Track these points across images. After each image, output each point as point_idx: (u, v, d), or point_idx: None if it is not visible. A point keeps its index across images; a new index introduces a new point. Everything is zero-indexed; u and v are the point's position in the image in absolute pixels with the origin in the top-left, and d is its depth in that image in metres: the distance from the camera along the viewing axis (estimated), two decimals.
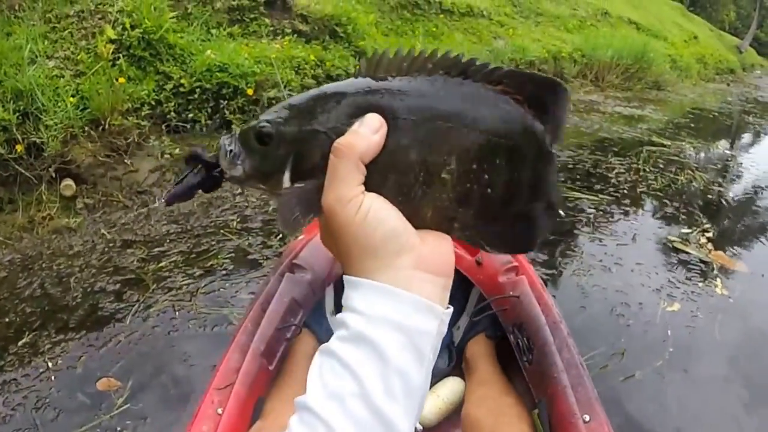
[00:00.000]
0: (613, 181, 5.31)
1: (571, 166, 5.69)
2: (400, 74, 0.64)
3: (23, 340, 2.97)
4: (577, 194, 4.86)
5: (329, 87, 0.65)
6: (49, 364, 2.80)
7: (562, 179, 5.22)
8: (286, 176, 0.63)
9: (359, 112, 0.61)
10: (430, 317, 0.60)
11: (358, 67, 0.66)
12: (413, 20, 8.50)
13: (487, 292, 1.93)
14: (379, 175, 0.61)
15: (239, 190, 4.35)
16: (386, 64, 0.64)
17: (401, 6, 8.49)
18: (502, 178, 0.63)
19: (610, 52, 10.01)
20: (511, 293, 1.84)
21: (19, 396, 2.64)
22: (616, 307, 3.24)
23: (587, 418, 1.43)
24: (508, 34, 9.39)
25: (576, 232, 4.18)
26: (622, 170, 5.63)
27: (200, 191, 0.71)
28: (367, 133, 0.60)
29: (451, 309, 0.63)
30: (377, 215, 0.60)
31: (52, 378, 2.73)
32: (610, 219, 4.45)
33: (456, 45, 8.02)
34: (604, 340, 2.91)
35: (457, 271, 2.00)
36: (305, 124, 0.62)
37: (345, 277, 0.63)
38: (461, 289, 2.13)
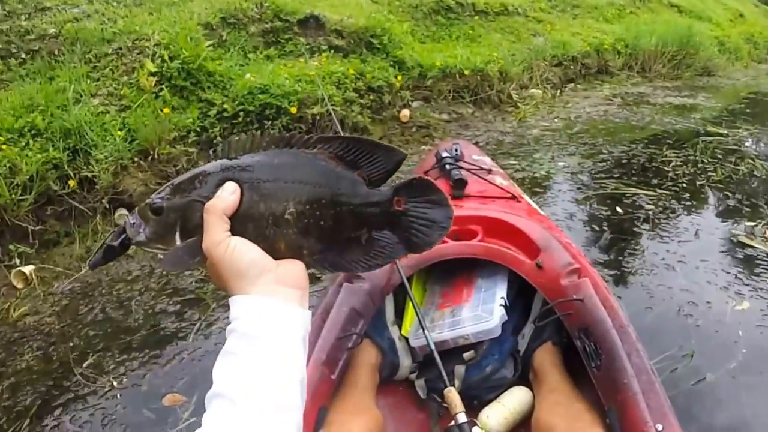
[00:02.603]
0: (670, 174, 5.22)
1: (625, 161, 5.61)
2: (246, 152, 0.87)
3: (88, 362, 3.10)
4: (634, 190, 4.79)
5: (199, 169, 0.88)
6: (115, 383, 2.93)
7: (617, 175, 5.16)
8: (177, 236, 0.86)
9: (221, 183, 0.84)
10: (290, 312, 0.82)
11: (216, 152, 0.89)
12: (448, 25, 8.50)
13: (549, 297, 1.92)
14: (240, 224, 0.84)
15: None
16: (236, 146, 0.87)
17: (434, 12, 8.50)
18: (329, 212, 0.86)
19: (654, 39, 9.79)
20: (574, 296, 1.83)
21: (86, 414, 2.77)
22: (683, 307, 3.18)
23: (660, 427, 1.43)
24: (546, 30, 9.29)
25: (635, 229, 4.12)
26: (679, 163, 5.53)
27: (110, 257, 0.91)
28: (226, 195, 0.83)
29: (309, 312, 0.86)
30: (240, 250, 0.82)
31: (118, 396, 2.85)
32: (670, 215, 4.37)
33: (494, 46, 8.00)
34: (672, 342, 2.86)
35: (518, 277, 2.02)
36: (185, 197, 0.86)
37: (229, 299, 0.83)
38: (523, 296, 2.14)
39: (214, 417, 0.75)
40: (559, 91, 8.12)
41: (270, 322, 0.80)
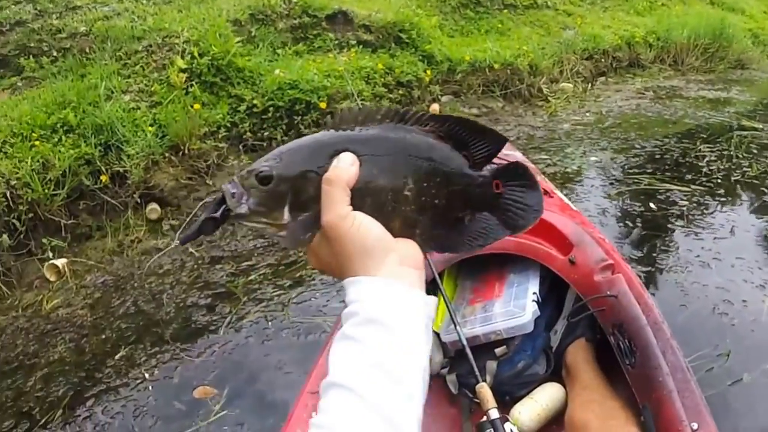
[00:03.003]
0: (704, 170, 5.13)
1: (658, 156, 5.54)
2: (358, 124, 0.85)
3: (120, 354, 3.19)
4: (667, 185, 4.74)
5: (310, 138, 0.85)
6: (146, 375, 3.00)
7: (650, 170, 5.11)
8: (286, 209, 0.82)
9: (336, 154, 0.81)
10: (417, 298, 0.78)
11: (326, 122, 0.85)
12: (477, 19, 8.46)
13: (583, 293, 1.92)
14: (359, 199, 0.80)
15: None
16: (347, 118, 0.85)
17: (463, 5, 8.47)
18: (443, 190, 0.86)
19: (686, 32, 9.63)
20: (608, 293, 1.83)
21: (118, 405, 2.85)
22: (718, 306, 3.14)
23: (695, 426, 1.42)
24: (576, 24, 9.20)
25: (669, 226, 4.07)
26: (713, 158, 5.44)
27: (208, 230, 0.84)
28: (347, 166, 0.79)
29: (434, 299, 0.81)
30: (367, 225, 0.79)
31: (150, 388, 2.92)
32: (705, 211, 4.31)
33: (524, 40, 7.95)
34: (707, 341, 2.82)
35: (550, 273, 2.02)
36: (297, 166, 0.82)
37: (347, 280, 0.79)
38: (555, 292, 2.14)
39: (339, 410, 0.69)
40: (590, 84, 8.04)
41: (397, 308, 0.75)
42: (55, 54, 5.50)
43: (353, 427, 0.67)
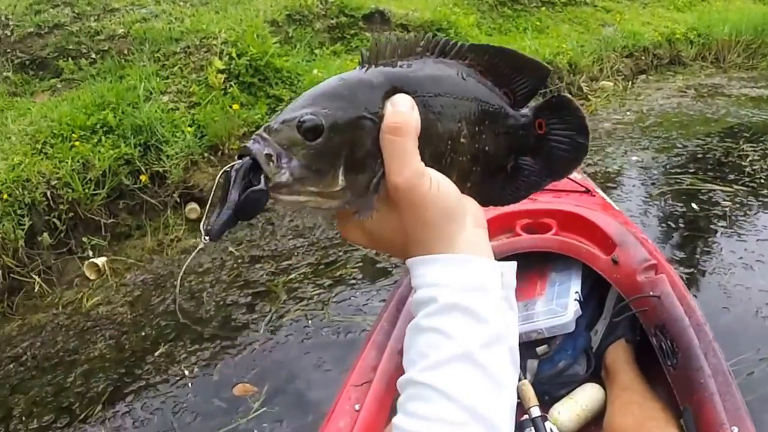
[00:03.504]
0: (747, 170, 5.06)
1: (700, 155, 5.48)
2: (397, 58, 0.70)
3: (160, 351, 3.27)
4: (710, 186, 4.69)
5: (346, 77, 0.68)
6: (186, 372, 3.08)
7: (692, 170, 5.06)
8: (341, 171, 0.63)
9: (387, 96, 0.66)
10: (496, 274, 0.67)
11: (361, 56, 0.70)
12: (515, 17, 8.46)
13: (625, 293, 1.92)
14: (419, 150, 0.65)
15: None
16: (384, 50, 0.70)
17: (500, 3, 8.47)
18: (491, 135, 0.74)
19: (727, 28, 9.47)
20: (651, 293, 1.83)
21: (157, 401, 2.92)
22: (761, 309, 3.11)
23: (736, 429, 1.42)
24: (615, 20, 9.14)
25: (711, 227, 4.04)
26: (757, 157, 5.36)
27: (248, 213, 0.62)
28: (409, 111, 0.65)
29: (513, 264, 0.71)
30: (444, 183, 0.66)
31: (189, 384, 3.00)
32: (748, 212, 4.25)
33: (563, 37, 7.93)
34: (749, 345, 2.80)
35: (592, 272, 2.04)
36: (351, 112, 0.64)
37: (418, 258, 0.67)
38: (597, 291, 2.15)
39: (427, 412, 0.60)
40: (630, 82, 7.97)
41: (484, 289, 0.65)
42: (93, 56, 5.63)
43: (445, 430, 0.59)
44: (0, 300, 3.87)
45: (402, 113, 0.64)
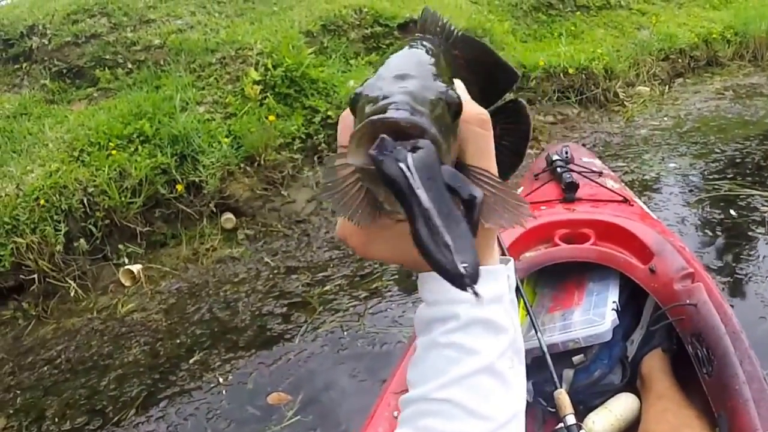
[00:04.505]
0: None
1: (738, 159, 5.42)
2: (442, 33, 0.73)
3: (194, 358, 3.34)
4: (748, 191, 4.65)
5: (414, 58, 0.64)
6: (220, 380, 3.15)
7: (730, 175, 5.02)
8: None
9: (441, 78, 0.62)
10: (507, 278, 0.67)
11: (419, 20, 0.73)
12: (549, 22, 8.43)
13: (662, 301, 1.95)
14: None
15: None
16: (432, 24, 0.74)
17: (535, 9, 8.45)
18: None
19: (765, 24, 9.30)
20: (688, 301, 1.86)
21: (191, 407, 2.99)
22: None
23: None
24: (651, 23, 9.04)
25: (750, 233, 4.00)
26: None
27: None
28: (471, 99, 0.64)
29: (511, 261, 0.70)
30: None
31: (223, 392, 3.06)
32: None
33: (598, 42, 7.88)
34: None
35: (630, 282, 2.06)
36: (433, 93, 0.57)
37: (429, 274, 0.64)
38: (634, 301, 2.18)
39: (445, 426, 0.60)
40: (667, 87, 7.91)
41: (500, 299, 0.65)
42: (129, 66, 5.77)
43: None
44: (36, 303, 4.01)
45: (474, 104, 0.63)
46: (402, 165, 0.47)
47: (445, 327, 0.63)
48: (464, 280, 0.46)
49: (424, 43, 0.68)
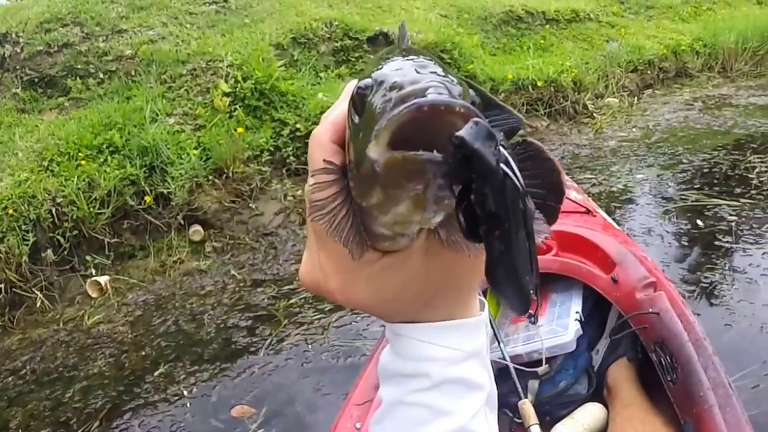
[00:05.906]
0: (754, 182, 5.02)
1: (706, 170, 5.46)
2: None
3: (159, 371, 3.30)
4: (716, 200, 4.68)
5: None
6: (185, 392, 3.11)
7: (698, 185, 5.05)
8: None
9: None
10: (484, 329, 0.61)
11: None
12: (519, 35, 8.47)
13: (625, 310, 1.95)
14: None
15: None
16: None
17: (504, 22, 8.49)
18: None
19: (733, 36, 9.42)
20: (650, 310, 1.85)
21: (155, 419, 2.95)
22: (766, 324, 3.10)
23: None
24: (620, 35, 9.14)
25: (717, 243, 4.03)
26: (764, 169, 5.32)
27: None
28: None
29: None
30: None
31: (188, 404, 3.02)
32: (754, 226, 4.23)
33: (567, 54, 7.94)
34: (754, 360, 2.80)
35: (593, 292, 2.05)
36: None
37: (408, 326, 0.58)
38: (598, 311, 2.17)
39: None
40: (636, 98, 7.99)
41: (477, 354, 0.59)
42: (101, 76, 5.72)
43: None
44: (1, 314, 3.93)
45: None
46: (504, 166, 0.38)
47: (416, 385, 0.57)
48: (528, 309, 0.41)
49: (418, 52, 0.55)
